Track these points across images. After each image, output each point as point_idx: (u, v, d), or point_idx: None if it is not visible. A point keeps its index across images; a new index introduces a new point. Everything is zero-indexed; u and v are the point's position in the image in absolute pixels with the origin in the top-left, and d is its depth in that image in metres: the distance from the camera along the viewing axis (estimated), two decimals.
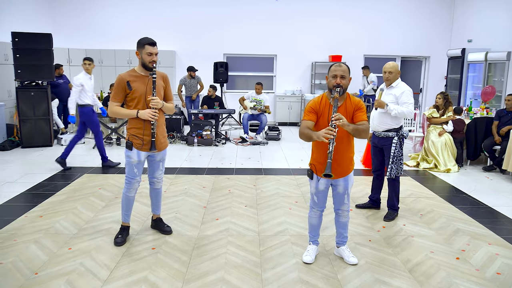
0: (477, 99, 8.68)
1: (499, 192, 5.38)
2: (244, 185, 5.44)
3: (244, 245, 3.63)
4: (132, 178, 3.52)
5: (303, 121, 3.09)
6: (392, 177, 4.23)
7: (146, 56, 3.34)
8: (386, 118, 4.22)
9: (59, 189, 5.11)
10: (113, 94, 3.40)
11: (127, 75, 3.39)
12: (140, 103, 3.40)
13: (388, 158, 4.25)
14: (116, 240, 3.61)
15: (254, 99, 8.71)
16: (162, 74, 3.55)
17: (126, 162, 3.51)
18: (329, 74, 3.05)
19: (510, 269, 3.27)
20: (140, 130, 3.42)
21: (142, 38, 3.40)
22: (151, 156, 3.60)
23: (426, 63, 11.44)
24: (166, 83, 3.59)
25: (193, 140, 8.05)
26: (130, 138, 3.45)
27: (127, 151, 3.47)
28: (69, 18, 10.62)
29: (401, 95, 4.14)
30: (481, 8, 9.61)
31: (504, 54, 7.81)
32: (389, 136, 4.22)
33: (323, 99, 3.09)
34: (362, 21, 10.96)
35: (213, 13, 10.78)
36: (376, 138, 4.37)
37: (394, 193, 4.34)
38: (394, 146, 4.19)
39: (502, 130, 6.31)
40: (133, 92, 3.37)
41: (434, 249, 3.63)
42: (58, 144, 7.88)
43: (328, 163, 2.80)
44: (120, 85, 3.36)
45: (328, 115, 3.03)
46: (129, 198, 3.61)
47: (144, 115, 3.34)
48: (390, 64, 4.21)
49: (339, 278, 3.10)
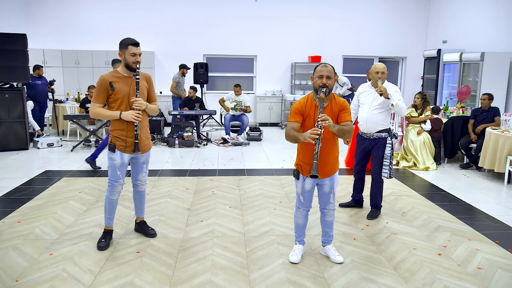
0: (453, 98, 8.90)
1: (476, 189, 5.53)
2: (228, 186, 5.42)
3: (230, 246, 3.61)
4: (115, 180, 3.46)
5: (289, 123, 3.09)
6: (388, 178, 4.20)
7: (130, 57, 3.29)
8: (379, 119, 4.17)
9: (37, 194, 4.97)
10: (95, 95, 3.32)
11: (109, 76, 3.33)
12: (123, 104, 3.34)
13: (379, 158, 4.21)
14: (99, 245, 3.54)
15: (234, 100, 8.69)
16: (146, 75, 3.50)
17: (109, 164, 3.44)
18: (315, 75, 3.07)
19: (490, 264, 3.36)
20: (123, 131, 3.36)
21: (125, 38, 3.35)
22: (134, 158, 3.54)
23: (403, 64, 11.66)
24: (149, 84, 3.54)
25: (174, 142, 7.98)
26: (113, 140, 3.38)
27: (110, 153, 3.40)
28: (44, 18, 10.36)
29: (394, 92, 4.12)
30: (455, 9, 9.87)
31: (478, 55, 8.03)
32: (382, 136, 4.19)
33: (308, 100, 3.11)
34: (341, 22, 11.09)
35: (192, 14, 10.71)
36: (367, 140, 4.28)
37: (378, 193, 4.35)
38: (389, 146, 4.17)
39: (478, 128, 6.49)
40: (116, 93, 3.31)
41: (417, 246, 3.70)
42: (34, 147, 7.68)
43: (314, 164, 2.82)
44: (103, 86, 3.29)
45: (314, 116, 3.05)
46: (112, 201, 3.54)
47: (128, 116, 3.28)
48: (381, 65, 4.18)
49: (326, 277, 3.12)
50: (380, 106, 4.16)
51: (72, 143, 8.01)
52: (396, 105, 4.07)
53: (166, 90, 10.90)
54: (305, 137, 2.85)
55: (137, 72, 3.31)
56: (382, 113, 4.18)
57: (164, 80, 10.88)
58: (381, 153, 4.20)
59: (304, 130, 3.06)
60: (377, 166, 4.25)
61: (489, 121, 6.49)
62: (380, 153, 4.21)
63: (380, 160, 4.22)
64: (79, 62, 10.23)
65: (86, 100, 8.23)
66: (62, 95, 9.93)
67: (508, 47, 8.04)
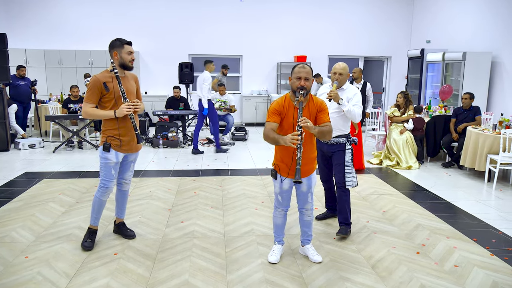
0: (436, 98, 9.00)
1: (457, 187, 5.58)
2: (210, 186, 5.40)
3: (209, 247, 3.60)
4: (110, 180, 3.44)
5: (267, 123, 3.08)
6: (353, 186, 3.80)
7: (126, 56, 3.36)
8: (338, 124, 3.77)
9: (16, 196, 4.89)
10: (88, 96, 3.31)
11: (103, 76, 3.34)
12: (117, 103, 3.36)
13: (340, 165, 3.81)
14: (84, 244, 3.50)
15: (219, 100, 8.67)
16: (133, 75, 3.58)
17: (103, 164, 3.41)
18: (293, 76, 3.06)
19: (467, 262, 3.39)
20: (116, 130, 3.38)
21: (118, 38, 3.41)
22: (125, 157, 3.54)
23: (388, 63, 11.75)
24: (137, 84, 3.61)
25: (158, 142, 7.92)
26: (108, 139, 3.38)
27: (104, 153, 3.38)
28: (26, 17, 10.21)
29: (353, 96, 3.82)
30: (438, 10, 9.98)
31: (460, 54, 8.12)
32: (340, 142, 3.81)
33: (286, 100, 3.10)
34: (327, 22, 11.13)
35: (178, 14, 10.66)
36: (324, 145, 3.89)
37: (347, 205, 3.88)
38: (349, 152, 3.80)
39: (459, 127, 6.56)
40: (110, 93, 3.33)
41: (396, 244, 3.72)
42: (15, 148, 7.56)
43: (297, 170, 2.82)
44: (97, 86, 3.29)
45: (292, 117, 3.05)
46: (102, 202, 3.52)
47: (121, 112, 3.30)
48: (341, 65, 3.83)
49: (304, 277, 3.12)
50: (338, 110, 3.79)
51: (54, 144, 7.91)
52: (348, 111, 3.73)
53: (151, 90, 10.85)
54: (286, 141, 2.84)
55: (114, 67, 3.32)
56: (340, 117, 3.80)
57: (150, 80, 10.83)
58: (342, 159, 3.80)
59: (282, 130, 3.07)
60: (339, 175, 3.82)
61: (470, 120, 6.57)
62: (340, 160, 3.81)
63: (341, 167, 3.80)
64: (62, 62, 10.11)
65: (69, 100, 8.13)
66: (45, 96, 9.80)
67: (489, 47, 8.16)
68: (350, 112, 3.75)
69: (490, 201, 5.05)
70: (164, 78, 10.78)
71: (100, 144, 3.44)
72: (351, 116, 3.78)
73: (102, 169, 3.43)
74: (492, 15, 8.14)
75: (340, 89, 3.86)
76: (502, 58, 7.89)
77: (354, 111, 3.76)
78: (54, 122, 7.73)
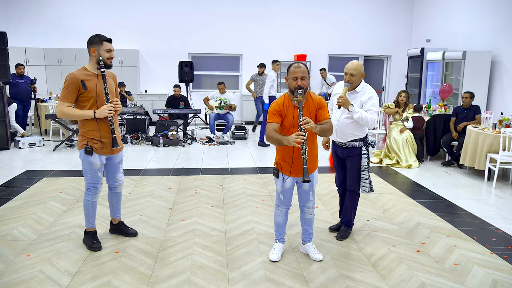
0: (436, 97, 9.01)
1: (457, 186, 5.60)
2: (211, 185, 5.41)
3: (210, 246, 3.61)
4: (97, 182, 3.40)
5: (269, 124, 3.09)
6: (369, 192, 3.65)
7: (105, 53, 3.24)
8: (350, 129, 3.56)
9: (17, 194, 4.89)
10: (65, 94, 3.16)
11: (80, 74, 3.21)
12: (96, 103, 3.26)
13: (354, 171, 3.64)
14: (93, 246, 3.46)
15: (219, 98, 8.67)
16: (112, 73, 3.44)
17: (87, 168, 3.33)
18: (289, 76, 3.07)
19: (467, 260, 3.41)
20: (97, 132, 3.28)
21: (97, 34, 3.30)
22: (109, 159, 3.45)
23: (388, 62, 11.76)
24: (115, 82, 3.52)
25: (158, 141, 7.93)
26: (89, 142, 3.27)
27: (87, 157, 3.28)
28: (25, 15, 10.19)
29: (367, 100, 3.50)
30: (438, 9, 9.98)
31: (460, 54, 8.13)
32: (356, 146, 3.59)
33: (285, 100, 3.12)
34: (327, 21, 11.13)
35: (178, 12, 10.65)
36: (339, 149, 3.70)
37: (353, 208, 3.79)
38: (365, 157, 3.60)
39: (459, 126, 6.57)
40: (88, 91, 3.21)
41: (396, 243, 3.73)
42: (15, 147, 7.56)
43: (305, 169, 2.87)
44: (74, 84, 3.16)
45: (293, 117, 3.06)
46: (94, 203, 3.50)
47: (102, 113, 3.21)
48: (353, 65, 3.49)
49: (305, 275, 3.13)
50: (350, 115, 3.53)
51: (54, 143, 7.91)
52: (359, 118, 3.44)
53: (151, 88, 10.85)
54: (290, 141, 2.88)
55: (102, 66, 3.22)
56: (352, 122, 3.55)
57: (149, 79, 10.82)
58: (356, 164, 3.62)
59: (282, 130, 3.09)
60: (352, 179, 3.67)
61: (470, 119, 6.58)
62: (354, 165, 3.63)
63: (356, 173, 3.64)
64: (62, 60, 10.10)
65: None
66: (45, 94, 9.79)
67: (489, 46, 8.16)
68: (361, 119, 3.44)
69: (490, 199, 5.06)
70: (164, 76, 10.77)
71: (80, 147, 3.29)
72: (363, 123, 3.49)
73: (88, 173, 3.33)
74: (492, 14, 8.14)
75: (353, 91, 3.56)
76: (502, 57, 7.90)
77: (366, 118, 3.44)
78: (54, 120, 7.73)
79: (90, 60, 3.29)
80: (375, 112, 3.52)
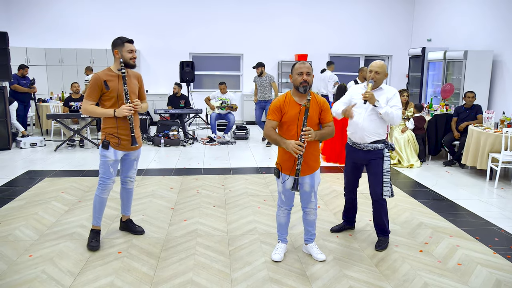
0: (437, 96, 8.99)
1: (458, 186, 5.59)
2: (212, 185, 5.40)
3: (213, 246, 3.60)
4: (108, 178, 3.46)
5: (268, 121, 3.12)
6: (390, 196, 3.51)
7: (127, 54, 3.36)
8: (375, 127, 3.48)
9: (19, 194, 4.89)
10: (89, 93, 3.33)
11: (103, 75, 3.35)
12: (118, 102, 3.37)
13: (378, 175, 3.49)
14: (91, 245, 3.49)
15: (220, 98, 8.67)
16: (136, 73, 3.57)
17: (101, 162, 3.44)
18: (294, 72, 3.09)
19: (470, 260, 3.40)
20: (115, 128, 3.40)
21: (120, 37, 3.42)
22: (126, 155, 3.56)
23: (389, 62, 11.75)
24: (140, 82, 3.62)
25: (159, 141, 7.92)
26: (107, 137, 3.40)
27: (103, 151, 3.41)
28: (26, 15, 10.19)
29: (393, 97, 3.49)
30: (439, 8, 9.97)
31: (461, 53, 8.12)
32: (378, 148, 3.49)
33: (287, 97, 3.12)
34: (327, 21, 11.12)
35: (179, 12, 10.64)
36: (360, 153, 3.56)
37: (385, 217, 3.60)
38: (387, 160, 3.49)
39: (461, 126, 6.56)
40: (111, 91, 3.35)
41: (399, 243, 3.73)
42: (17, 147, 7.56)
43: (295, 180, 2.98)
44: (97, 84, 3.31)
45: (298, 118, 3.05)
46: (103, 200, 3.52)
47: (121, 112, 3.32)
48: (378, 63, 3.48)
49: (308, 275, 3.13)
50: (373, 112, 3.49)
51: (56, 143, 7.91)
52: (386, 113, 3.39)
53: (152, 88, 10.84)
54: (288, 147, 2.95)
55: (122, 67, 3.33)
56: (375, 120, 3.48)
57: (151, 79, 10.81)
58: (380, 168, 3.49)
59: (281, 126, 3.12)
60: (378, 185, 3.50)
61: (472, 119, 6.57)
62: (379, 169, 3.49)
63: (379, 177, 3.49)
64: (63, 60, 10.10)
65: (70, 98, 8.12)
66: (46, 94, 9.79)
67: (490, 46, 8.15)
68: (388, 114, 3.39)
69: (492, 199, 5.05)
70: (165, 76, 10.76)
71: (100, 142, 3.47)
72: (388, 119, 3.42)
73: (101, 166, 3.45)
74: (493, 13, 8.13)
75: (378, 89, 3.53)
76: (504, 56, 7.89)
77: (392, 113, 3.40)
78: (56, 120, 7.73)
79: (115, 61, 3.42)
80: (400, 109, 3.49)
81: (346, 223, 4.02)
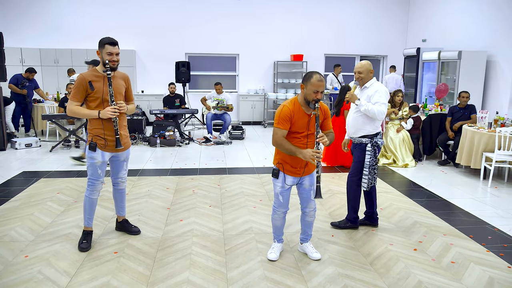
0: (432, 96, 9.05)
1: (453, 185, 5.64)
2: (208, 185, 5.41)
3: (209, 245, 3.62)
4: (96, 179, 3.45)
5: (278, 130, 3.06)
6: (366, 189, 3.84)
7: (106, 56, 3.29)
8: (361, 123, 3.77)
9: (14, 195, 4.89)
10: (74, 93, 3.30)
11: (89, 75, 3.32)
12: (103, 103, 3.35)
13: (356, 163, 3.84)
14: (81, 246, 3.49)
15: (216, 98, 8.68)
16: (123, 74, 3.52)
17: (89, 164, 3.43)
18: (310, 87, 2.99)
19: (464, 258, 3.44)
20: (101, 130, 3.37)
21: (104, 37, 3.34)
22: (114, 156, 3.54)
23: (384, 62, 11.81)
24: (127, 83, 3.57)
25: (155, 141, 7.92)
26: (94, 139, 3.38)
27: (90, 153, 3.39)
28: (21, 16, 10.17)
29: (374, 93, 3.71)
30: (434, 9, 10.04)
31: (455, 53, 8.18)
32: (362, 142, 3.79)
33: (295, 105, 3.08)
34: (323, 21, 11.16)
35: (174, 12, 10.65)
36: (352, 145, 3.93)
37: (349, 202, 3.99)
38: (368, 154, 3.77)
39: (455, 125, 6.61)
40: (95, 92, 3.32)
41: (394, 241, 3.76)
42: (12, 148, 7.53)
43: (318, 187, 3.06)
44: (82, 85, 3.29)
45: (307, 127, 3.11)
46: (93, 201, 3.52)
47: (105, 114, 3.30)
48: (359, 64, 3.79)
49: (303, 274, 3.15)
50: (358, 109, 3.79)
51: (51, 143, 7.89)
52: (365, 110, 3.67)
53: (148, 89, 10.84)
54: (306, 157, 2.98)
55: (107, 70, 3.28)
56: (360, 117, 3.77)
57: (146, 79, 10.81)
58: (359, 158, 3.81)
59: (289, 135, 3.10)
60: (352, 171, 3.89)
61: (466, 119, 6.62)
62: (357, 158, 3.83)
63: (357, 165, 3.84)
64: (58, 61, 10.08)
65: (65, 99, 8.10)
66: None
67: (484, 46, 8.22)
68: (368, 111, 3.66)
69: (486, 198, 5.10)
70: (161, 77, 10.76)
71: (87, 144, 3.44)
72: (370, 115, 3.68)
73: (89, 168, 3.44)
74: (487, 14, 8.20)
75: (363, 87, 3.82)
76: (497, 57, 7.96)
77: (373, 109, 3.64)
78: (51, 121, 7.71)
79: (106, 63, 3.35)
80: (383, 104, 3.70)
81: (366, 218, 4.15)
